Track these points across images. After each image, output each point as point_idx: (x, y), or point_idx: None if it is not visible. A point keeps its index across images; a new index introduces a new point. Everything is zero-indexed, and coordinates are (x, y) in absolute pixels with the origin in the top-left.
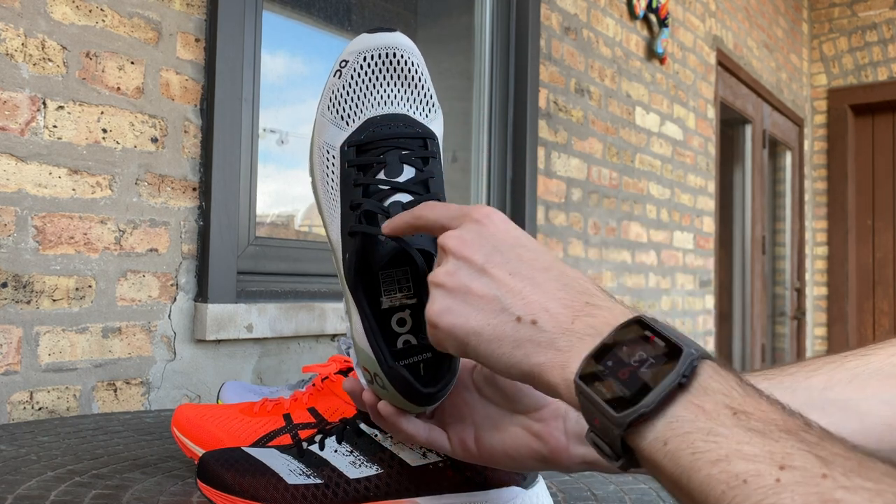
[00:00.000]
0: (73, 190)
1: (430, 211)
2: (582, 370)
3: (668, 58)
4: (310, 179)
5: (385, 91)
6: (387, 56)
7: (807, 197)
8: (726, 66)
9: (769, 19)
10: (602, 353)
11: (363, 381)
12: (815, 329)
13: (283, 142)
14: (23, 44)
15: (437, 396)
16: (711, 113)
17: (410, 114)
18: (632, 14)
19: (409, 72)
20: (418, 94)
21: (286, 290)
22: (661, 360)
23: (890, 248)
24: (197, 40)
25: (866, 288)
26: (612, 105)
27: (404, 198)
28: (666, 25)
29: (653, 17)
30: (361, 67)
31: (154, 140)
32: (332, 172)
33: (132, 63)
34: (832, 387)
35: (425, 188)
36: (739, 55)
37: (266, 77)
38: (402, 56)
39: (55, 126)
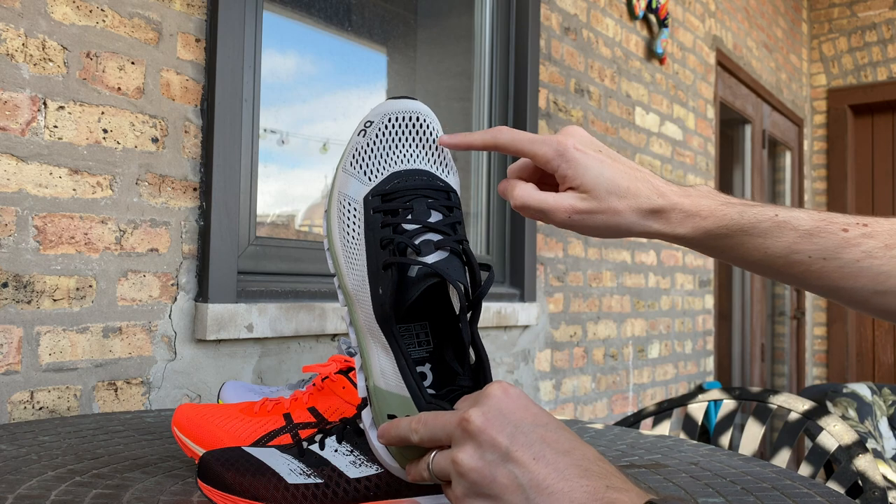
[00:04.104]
0: (74, 190)
1: (428, 422)
2: None
3: (668, 58)
4: (324, 238)
5: (408, 150)
6: (410, 119)
7: (806, 197)
8: (726, 66)
9: (769, 19)
10: None
11: (376, 443)
12: (815, 329)
13: (283, 142)
14: (23, 44)
15: None
16: (711, 113)
17: (432, 171)
18: (631, 14)
19: (430, 135)
20: (438, 156)
21: (286, 290)
22: None
23: None
24: (197, 40)
25: None
26: (612, 105)
27: (434, 237)
28: (665, 26)
29: (652, 18)
30: (386, 127)
31: (154, 140)
32: (353, 223)
33: (132, 63)
34: None
35: (453, 230)
36: (739, 55)
37: (266, 77)
38: (423, 120)
39: (56, 126)
